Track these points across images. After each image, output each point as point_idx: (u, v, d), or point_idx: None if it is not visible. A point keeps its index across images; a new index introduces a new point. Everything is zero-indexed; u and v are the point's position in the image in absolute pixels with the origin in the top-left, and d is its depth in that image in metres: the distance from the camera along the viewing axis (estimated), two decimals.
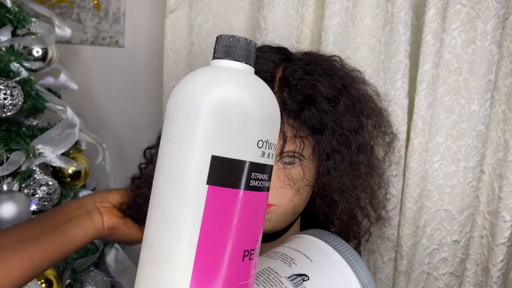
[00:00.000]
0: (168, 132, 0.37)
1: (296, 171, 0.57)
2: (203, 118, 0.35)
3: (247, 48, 0.39)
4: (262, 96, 0.38)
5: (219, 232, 0.35)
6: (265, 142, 0.37)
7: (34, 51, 0.83)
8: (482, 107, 0.85)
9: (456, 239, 0.89)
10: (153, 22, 1.15)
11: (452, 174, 0.87)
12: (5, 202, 0.74)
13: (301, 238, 0.50)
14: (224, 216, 0.35)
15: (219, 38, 0.39)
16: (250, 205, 0.36)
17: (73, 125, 0.85)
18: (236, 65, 0.39)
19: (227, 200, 0.35)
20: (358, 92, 0.61)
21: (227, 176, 0.35)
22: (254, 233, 0.37)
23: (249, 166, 0.36)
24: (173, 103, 0.38)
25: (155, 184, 0.38)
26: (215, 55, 0.40)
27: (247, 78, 0.38)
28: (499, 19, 0.82)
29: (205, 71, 0.39)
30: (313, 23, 0.94)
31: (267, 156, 0.37)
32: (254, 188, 0.36)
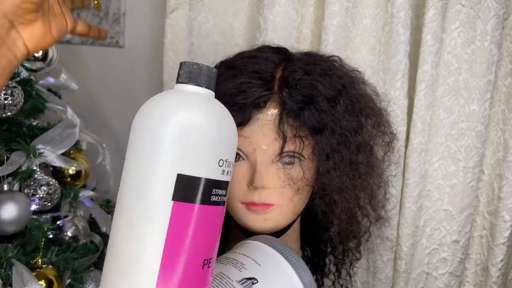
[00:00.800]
0: (134, 151, 0.40)
1: (296, 171, 0.57)
2: (169, 139, 0.38)
3: (209, 75, 0.42)
4: (222, 119, 0.41)
5: (183, 243, 0.38)
6: (225, 161, 0.40)
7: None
8: (481, 107, 0.85)
9: (455, 239, 0.89)
10: (153, 22, 1.15)
11: (451, 174, 0.87)
12: (5, 202, 0.74)
13: (250, 244, 0.53)
14: (188, 228, 0.38)
15: (183, 64, 0.42)
16: (210, 218, 0.40)
17: (73, 125, 0.85)
18: (198, 90, 0.42)
19: (191, 214, 0.38)
20: (357, 92, 0.62)
21: (191, 193, 0.38)
22: (213, 243, 0.41)
23: (211, 183, 0.39)
24: (138, 124, 0.40)
25: (120, 198, 0.40)
26: (179, 79, 0.42)
27: (208, 102, 0.42)
28: (498, 19, 0.82)
29: (169, 94, 0.42)
30: (313, 23, 0.94)
31: (226, 174, 0.41)
32: (214, 203, 0.40)
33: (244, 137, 0.55)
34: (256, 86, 0.56)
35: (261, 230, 0.57)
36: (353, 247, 0.72)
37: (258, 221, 0.57)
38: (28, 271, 0.72)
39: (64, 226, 0.86)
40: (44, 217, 0.83)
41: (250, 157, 0.56)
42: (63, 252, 0.81)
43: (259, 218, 0.56)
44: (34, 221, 0.79)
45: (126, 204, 0.39)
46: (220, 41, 1.01)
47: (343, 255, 0.73)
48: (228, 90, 0.56)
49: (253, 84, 0.56)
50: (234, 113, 0.55)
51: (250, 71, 0.57)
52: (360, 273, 0.95)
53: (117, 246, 0.39)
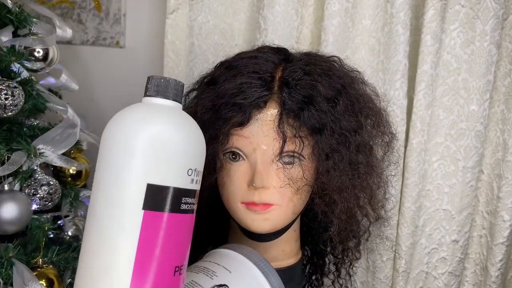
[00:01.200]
0: (104, 163, 0.41)
1: (296, 170, 0.57)
2: (139, 151, 0.39)
3: (176, 88, 0.43)
4: (190, 131, 0.42)
5: (154, 251, 0.39)
6: (193, 170, 0.41)
7: (35, 52, 0.83)
8: (481, 107, 0.85)
9: (455, 238, 0.89)
10: (153, 23, 1.15)
11: (451, 174, 0.88)
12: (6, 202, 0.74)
13: (221, 252, 0.54)
14: (158, 236, 0.39)
15: (150, 78, 0.44)
16: (181, 226, 0.41)
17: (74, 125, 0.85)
18: (166, 102, 0.43)
19: (161, 222, 0.39)
20: (357, 92, 0.62)
21: (161, 202, 0.39)
22: (184, 251, 0.41)
23: (180, 192, 0.40)
24: (108, 137, 0.41)
25: (91, 208, 0.41)
26: (147, 93, 0.44)
27: (176, 114, 0.43)
28: (498, 20, 0.83)
29: (138, 107, 0.43)
30: (313, 23, 0.95)
31: (195, 182, 0.42)
32: (184, 211, 0.41)
33: (244, 137, 0.56)
34: (256, 86, 0.56)
35: (261, 230, 0.57)
36: (352, 246, 0.72)
37: (258, 221, 0.57)
38: (28, 271, 0.72)
39: (65, 225, 0.87)
40: (45, 216, 0.83)
41: (250, 157, 0.56)
42: (63, 251, 0.81)
43: (259, 218, 0.57)
44: (34, 220, 0.79)
45: (98, 214, 0.40)
46: (220, 41, 1.01)
47: (342, 254, 0.73)
48: (228, 90, 0.56)
49: (253, 84, 0.56)
50: (234, 113, 0.55)
51: (250, 71, 0.57)
52: (360, 273, 0.95)
53: (89, 254, 0.40)
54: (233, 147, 0.57)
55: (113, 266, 0.38)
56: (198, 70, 1.02)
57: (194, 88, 0.67)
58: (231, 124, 0.55)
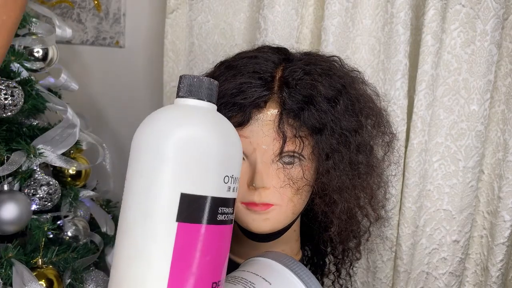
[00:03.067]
0: (135, 169, 0.38)
1: (296, 171, 0.57)
2: (170, 156, 0.36)
3: (210, 87, 0.40)
4: (225, 134, 0.39)
5: (190, 266, 0.36)
6: (230, 177, 0.38)
7: (35, 51, 0.83)
8: (481, 107, 0.85)
9: (455, 239, 0.89)
10: (153, 23, 1.15)
11: (451, 174, 0.87)
12: (6, 202, 0.74)
13: (259, 261, 0.52)
14: (194, 250, 0.36)
15: (182, 77, 0.40)
16: (217, 239, 0.38)
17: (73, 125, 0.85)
18: (200, 103, 0.40)
19: (196, 235, 0.36)
20: (357, 92, 0.61)
21: (195, 213, 0.36)
22: (221, 265, 0.38)
23: (216, 202, 0.37)
24: (139, 142, 0.38)
25: (123, 215, 0.38)
26: (179, 93, 0.40)
27: (211, 116, 0.40)
28: (498, 20, 0.83)
29: (170, 109, 0.40)
30: (313, 23, 0.95)
31: (232, 190, 0.39)
32: (221, 222, 0.38)
33: (244, 137, 0.55)
34: (256, 86, 0.55)
35: (261, 230, 0.57)
36: (353, 247, 0.72)
37: (258, 221, 0.56)
38: (28, 271, 0.72)
39: (64, 226, 0.86)
40: (44, 217, 0.83)
41: (250, 157, 0.56)
42: (63, 252, 0.81)
43: (259, 218, 0.56)
44: (34, 221, 0.79)
45: (129, 223, 0.37)
46: (220, 41, 1.01)
47: (343, 255, 0.73)
48: (228, 90, 0.56)
49: (253, 84, 0.56)
50: (234, 113, 0.55)
51: (250, 71, 0.57)
52: (360, 273, 0.95)
53: (122, 266, 0.37)
54: None
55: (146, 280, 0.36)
56: (198, 70, 1.02)
57: None
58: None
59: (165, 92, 1.04)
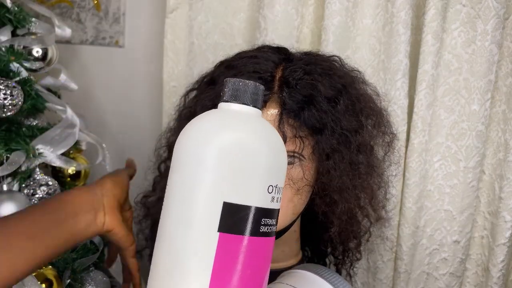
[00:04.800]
0: (176, 177, 0.37)
1: (296, 171, 0.56)
2: (213, 163, 0.35)
3: (255, 92, 0.39)
4: (271, 140, 0.38)
5: (230, 279, 0.35)
6: (274, 187, 0.37)
7: (34, 51, 0.83)
8: (482, 107, 0.85)
9: (456, 239, 0.89)
10: (153, 22, 1.15)
11: (452, 174, 0.87)
12: (5, 202, 0.74)
13: (297, 273, 0.51)
14: (235, 263, 0.35)
15: (227, 81, 0.39)
16: (260, 251, 0.36)
17: (73, 125, 0.85)
18: (244, 108, 0.38)
19: (238, 247, 0.35)
20: (357, 92, 0.61)
21: (238, 223, 0.35)
22: (262, 279, 0.37)
23: (260, 212, 0.36)
24: (180, 147, 0.37)
25: (162, 225, 0.37)
26: (224, 98, 0.39)
27: (256, 122, 0.38)
28: (499, 19, 0.82)
29: (213, 114, 0.39)
30: (313, 23, 0.94)
31: (275, 201, 0.37)
32: (263, 234, 0.36)
33: None
34: None
35: None
36: (353, 247, 0.71)
37: None
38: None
39: None
40: None
41: None
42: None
43: None
44: None
45: (168, 233, 0.36)
46: (220, 41, 1.01)
47: (343, 255, 0.73)
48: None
49: None
50: None
51: (250, 71, 0.57)
52: (360, 274, 0.95)
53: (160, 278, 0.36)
54: None
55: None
56: (197, 70, 1.02)
57: (193, 88, 0.67)
58: None
59: (164, 92, 1.04)
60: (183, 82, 1.02)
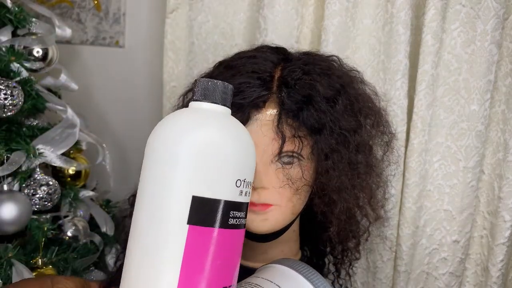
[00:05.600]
0: (147, 173, 0.38)
1: (295, 171, 0.57)
2: (183, 160, 0.36)
3: (224, 91, 0.40)
4: (239, 137, 0.39)
5: (200, 270, 0.36)
6: (243, 181, 0.39)
7: (35, 51, 0.83)
8: (481, 107, 0.85)
9: (455, 239, 0.89)
10: (153, 22, 1.15)
11: (451, 174, 0.87)
12: (5, 202, 0.74)
13: (273, 268, 0.51)
14: (204, 254, 0.36)
15: (197, 81, 0.41)
16: (229, 243, 0.38)
17: (73, 125, 0.85)
18: (214, 107, 0.40)
19: (207, 238, 0.36)
20: (356, 92, 0.61)
21: (207, 216, 0.36)
22: (232, 270, 0.38)
23: (228, 205, 0.37)
24: (152, 144, 0.39)
25: (134, 221, 0.38)
26: (194, 97, 0.41)
27: (225, 120, 0.40)
28: (498, 19, 0.82)
29: (184, 112, 0.40)
30: (313, 23, 0.94)
31: (244, 194, 0.39)
32: (232, 226, 0.38)
33: None
34: (255, 86, 0.55)
35: (260, 230, 0.57)
36: (352, 247, 0.71)
37: (257, 221, 0.56)
38: (28, 271, 0.72)
39: (64, 226, 0.87)
40: (44, 217, 0.84)
41: None
42: (63, 252, 0.81)
43: (258, 218, 0.56)
44: (34, 221, 0.79)
45: (140, 228, 0.37)
46: (220, 41, 1.01)
47: (342, 255, 0.73)
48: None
49: (252, 84, 0.55)
50: (233, 113, 0.55)
51: (249, 71, 0.57)
52: (360, 273, 0.95)
53: (132, 271, 0.37)
54: None
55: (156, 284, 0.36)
56: (197, 70, 1.02)
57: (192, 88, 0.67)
58: None
59: (164, 92, 1.04)
60: (183, 82, 1.02)
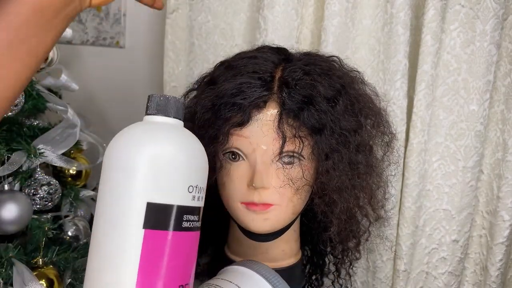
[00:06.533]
0: (106, 182, 0.41)
1: (295, 170, 0.57)
2: (138, 169, 0.39)
3: (176, 105, 0.43)
4: (190, 147, 0.42)
5: (157, 270, 0.38)
6: (195, 187, 0.41)
7: None
8: (481, 107, 0.85)
9: (455, 238, 0.89)
10: (153, 23, 1.15)
11: (451, 174, 0.88)
12: (6, 202, 0.74)
13: (234, 269, 0.53)
14: (160, 255, 0.39)
15: (150, 97, 0.44)
16: (183, 244, 0.40)
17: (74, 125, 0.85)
18: (167, 120, 0.43)
19: (162, 241, 0.39)
20: (357, 92, 0.62)
21: (161, 220, 0.39)
22: (188, 269, 0.41)
23: (181, 210, 0.40)
24: (110, 155, 0.41)
25: (95, 228, 0.40)
26: (147, 111, 0.44)
27: (176, 132, 0.43)
28: (498, 20, 0.83)
29: (139, 126, 0.43)
30: (313, 23, 0.95)
31: (197, 199, 0.42)
32: (186, 228, 0.40)
33: (243, 137, 0.56)
34: (255, 86, 0.56)
35: (260, 230, 0.57)
36: (352, 246, 0.72)
37: (257, 221, 0.57)
38: (28, 271, 0.72)
39: (65, 225, 0.87)
40: (45, 217, 0.84)
41: (250, 157, 0.56)
42: (63, 251, 0.81)
43: (258, 218, 0.57)
44: (34, 220, 0.79)
45: (99, 235, 0.40)
46: (220, 41, 1.02)
47: (342, 254, 0.73)
48: (227, 91, 0.56)
49: (252, 84, 0.56)
50: (233, 113, 0.55)
51: (249, 71, 0.57)
52: (360, 273, 0.95)
53: (93, 276, 0.40)
54: (233, 147, 0.57)
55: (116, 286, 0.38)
56: (198, 70, 1.02)
57: (193, 88, 0.67)
58: (230, 124, 0.55)
59: (165, 92, 1.05)
60: (183, 82, 1.02)
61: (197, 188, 0.41)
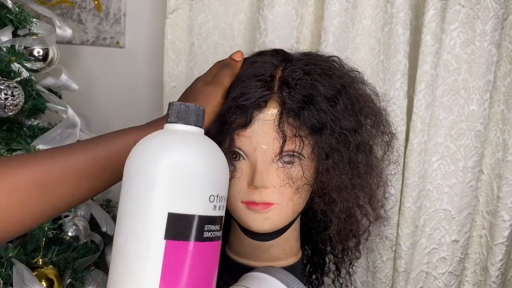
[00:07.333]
0: (127, 192, 0.40)
1: (296, 170, 0.57)
2: (159, 179, 0.39)
3: (197, 113, 0.43)
4: (211, 155, 0.42)
5: (178, 281, 0.38)
6: (216, 197, 0.41)
7: (35, 52, 0.83)
8: (481, 107, 0.85)
9: (455, 238, 0.89)
10: (153, 23, 1.15)
11: (451, 174, 0.88)
12: None
13: (255, 275, 0.53)
14: (182, 266, 0.38)
15: (171, 104, 0.43)
16: (205, 255, 0.40)
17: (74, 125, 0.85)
18: (187, 128, 0.43)
19: (184, 252, 0.39)
20: (357, 92, 0.62)
21: (182, 230, 0.39)
22: (210, 279, 0.41)
23: (202, 220, 0.39)
24: (131, 164, 0.41)
25: (116, 238, 0.40)
26: (168, 119, 0.43)
27: (197, 140, 0.42)
28: (498, 20, 0.83)
29: (160, 134, 0.43)
30: (313, 23, 0.95)
31: (218, 209, 0.41)
32: (207, 239, 0.40)
33: (245, 137, 0.56)
34: (256, 87, 0.56)
35: (261, 229, 0.57)
36: (352, 246, 0.72)
37: (258, 220, 0.57)
38: (28, 271, 0.72)
39: (65, 226, 0.87)
40: None
41: (250, 157, 0.56)
42: (63, 251, 0.81)
43: (259, 217, 0.57)
44: None
45: (121, 244, 0.40)
46: (220, 41, 1.02)
47: (342, 254, 0.73)
48: (230, 94, 0.57)
49: (253, 85, 0.56)
50: (237, 115, 0.55)
51: (250, 74, 0.58)
52: (360, 273, 0.95)
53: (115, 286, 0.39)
54: (235, 147, 0.57)
55: None
56: (198, 70, 1.02)
57: None
58: (235, 126, 0.56)
59: (165, 93, 1.05)
60: (183, 82, 1.02)
61: (218, 197, 0.41)
